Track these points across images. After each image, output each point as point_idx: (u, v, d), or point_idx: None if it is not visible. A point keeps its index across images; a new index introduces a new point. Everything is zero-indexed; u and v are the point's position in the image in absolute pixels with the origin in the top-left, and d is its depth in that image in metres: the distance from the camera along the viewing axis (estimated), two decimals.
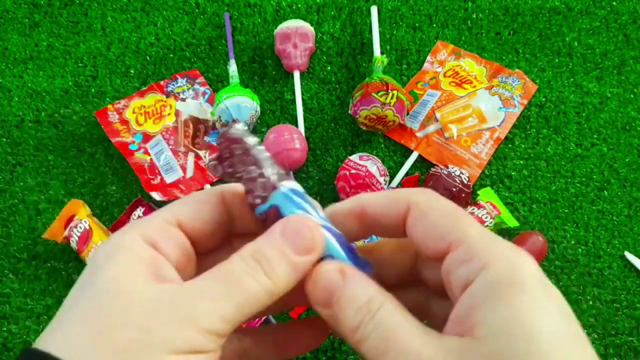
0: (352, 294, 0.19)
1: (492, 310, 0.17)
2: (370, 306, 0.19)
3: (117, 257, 0.19)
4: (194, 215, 0.22)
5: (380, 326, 0.18)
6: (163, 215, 0.21)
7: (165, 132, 0.60)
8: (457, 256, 0.18)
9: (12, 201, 0.57)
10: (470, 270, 0.18)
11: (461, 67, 0.63)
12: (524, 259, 0.18)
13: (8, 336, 0.51)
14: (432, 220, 0.20)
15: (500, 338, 0.16)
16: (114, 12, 0.69)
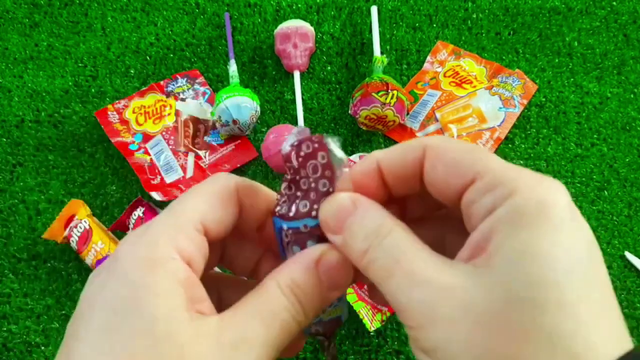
0: (362, 220, 0.19)
1: (513, 236, 0.16)
2: (379, 231, 0.19)
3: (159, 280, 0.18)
4: (218, 219, 0.21)
5: (388, 250, 0.18)
6: (191, 218, 0.20)
7: (165, 132, 0.60)
8: (482, 184, 0.17)
9: (12, 201, 0.57)
10: (496, 197, 0.17)
11: (461, 67, 0.63)
12: (554, 188, 0.17)
13: (8, 336, 0.51)
14: (452, 156, 0.18)
15: (516, 266, 0.15)
16: (114, 12, 0.69)
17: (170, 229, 0.19)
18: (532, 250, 0.15)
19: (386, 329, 0.51)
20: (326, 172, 0.21)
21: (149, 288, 0.17)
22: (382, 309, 0.49)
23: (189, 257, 0.19)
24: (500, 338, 0.15)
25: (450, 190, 0.19)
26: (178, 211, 0.20)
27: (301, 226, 0.20)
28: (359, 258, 0.19)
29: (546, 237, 0.15)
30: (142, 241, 0.19)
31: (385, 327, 0.51)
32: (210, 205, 0.21)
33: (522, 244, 0.15)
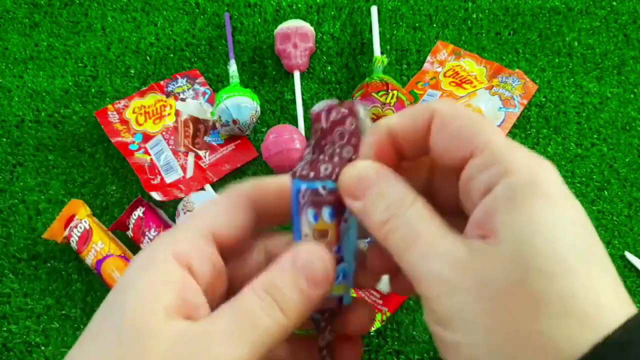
0: (385, 190, 0.19)
1: (514, 213, 0.16)
2: (402, 203, 0.19)
3: (144, 279, 0.18)
4: (228, 223, 0.21)
5: (410, 221, 0.19)
6: (197, 227, 0.21)
7: (165, 132, 0.60)
8: (480, 162, 0.18)
9: (12, 201, 0.57)
10: (492, 175, 0.17)
11: (461, 67, 0.63)
12: (546, 167, 0.18)
13: (8, 336, 0.51)
14: (456, 126, 0.19)
15: (522, 240, 0.16)
16: (114, 12, 0.69)
17: (175, 235, 0.20)
18: (535, 226, 0.16)
19: (386, 329, 0.51)
20: (352, 140, 0.21)
21: (129, 288, 0.18)
22: (382, 309, 0.49)
23: (188, 261, 0.19)
24: (514, 308, 0.16)
25: (451, 161, 0.19)
26: (187, 220, 0.21)
27: (320, 187, 0.20)
28: (379, 226, 0.19)
29: (546, 212, 0.16)
30: (145, 249, 0.20)
31: (385, 327, 0.51)
32: (217, 211, 0.21)
33: (525, 221, 0.16)
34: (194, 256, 0.20)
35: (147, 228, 0.52)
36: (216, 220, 0.21)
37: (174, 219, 0.54)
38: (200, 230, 0.20)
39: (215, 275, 0.21)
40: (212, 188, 0.57)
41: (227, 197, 0.22)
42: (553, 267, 0.15)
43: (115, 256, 0.51)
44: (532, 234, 0.16)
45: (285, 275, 0.19)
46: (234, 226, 0.21)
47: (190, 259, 0.19)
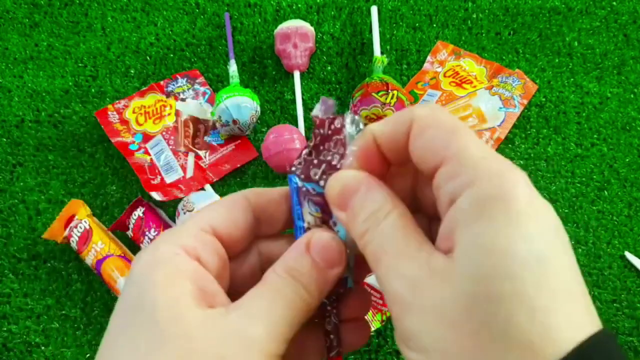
0: (364, 201, 0.19)
1: (472, 228, 0.16)
2: (377, 215, 0.19)
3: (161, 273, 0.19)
4: (227, 220, 0.22)
5: (380, 236, 0.19)
6: (197, 222, 0.21)
7: (165, 132, 0.60)
8: (446, 171, 0.17)
9: (12, 201, 0.57)
10: (456, 186, 0.17)
11: (461, 67, 0.63)
12: (512, 175, 0.16)
13: (8, 336, 0.51)
14: (431, 134, 0.18)
15: (475, 258, 0.15)
16: (114, 12, 0.69)
17: (176, 232, 0.21)
18: (489, 243, 0.15)
19: (386, 329, 0.51)
20: (341, 149, 0.21)
21: (149, 282, 0.18)
22: (382, 309, 0.49)
23: (196, 253, 0.20)
24: (461, 333, 0.15)
25: (426, 169, 0.19)
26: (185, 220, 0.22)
27: (310, 189, 0.22)
28: (358, 238, 0.20)
29: (503, 229, 0.15)
30: (148, 248, 0.20)
31: (385, 327, 0.51)
32: (214, 210, 0.22)
33: (479, 238, 0.16)
34: (201, 248, 0.20)
35: (147, 228, 0.52)
36: (216, 217, 0.22)
37: (174, 219, 0.54)
38: (201, 225, 0.21)
39: (222, 266, 0.21)
40: (212, 188, 0.57)
41: (227, 199, 0.23)
42: (501, 290, 0.15)
43: (115, 256, 0.51)
44: (485, 254, 0.15)
45: (304, 258, 0.20)
46: (233, 225, 0.22)
47: (197, 250, 0.20)
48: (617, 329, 0.52)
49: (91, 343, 0.51)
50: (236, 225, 0.22)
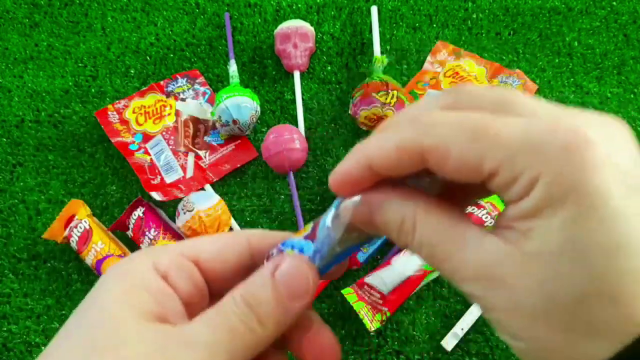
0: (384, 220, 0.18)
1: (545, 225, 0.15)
2: (405, 228, 0.18)
3: (121, 284, 0.19)
4: (215, 255, 0.21)
5: (423, 246, 0.18)
6: (182, 247, 0.21)
7: (165, 132, 0.60)
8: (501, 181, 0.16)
9: (12, 201, 0.57)
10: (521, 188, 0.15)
11: (461, 67, 0.63)
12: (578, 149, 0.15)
13: (8, 336, 0.51)
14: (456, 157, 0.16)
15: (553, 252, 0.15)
16: (114, 12, 0.69)
17: (158, 250, 0.20)
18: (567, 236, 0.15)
19: (386, 329, 0.51)
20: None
21: (106, 290, 0.19)
22: (382, 309, 0.49)
23: (166, 272, 0.20)
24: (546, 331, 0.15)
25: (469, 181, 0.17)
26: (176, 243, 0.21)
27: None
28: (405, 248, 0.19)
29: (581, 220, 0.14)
30: (124, 258, 0.20)
31: (385, 327, 0.51)
32: (208, 242, 0.21)
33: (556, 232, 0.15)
34: (174, 269, 0.20)
35: (147, 228, 0.52)
36: (205, 248, 0.21)
37: (174, 219, 0.54)
38: (184, 250, 0.21)
39: (195, 294, 0.21)
40: (212, 188, 0.57)
41: (228, 235, 0.22)
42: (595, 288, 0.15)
43: (115, 256, 0.51)
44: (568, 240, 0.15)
45: (264, 286, 0.19)
46: (220, 260, 0.21)
47: (168, 269, 0.20)
48: None
49: None
50: (223, 262, 0.21)
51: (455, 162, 0.16)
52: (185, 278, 0.20)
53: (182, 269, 0.20)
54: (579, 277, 0.15)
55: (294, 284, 0.19)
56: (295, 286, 0.19)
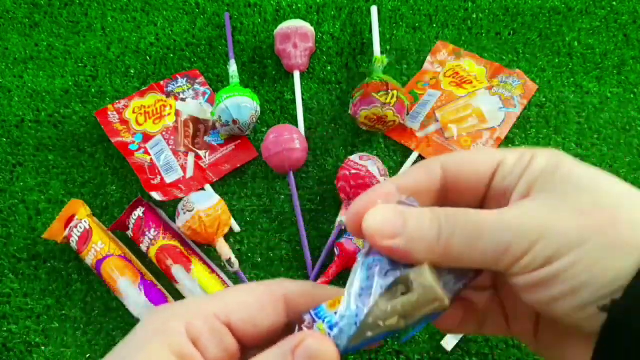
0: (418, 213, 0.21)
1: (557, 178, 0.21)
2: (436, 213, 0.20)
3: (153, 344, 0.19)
4: (247, 319, 0.21)
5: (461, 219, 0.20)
6: (216, 306, 0.21)
7: (165, 132, 0.60)
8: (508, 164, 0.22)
9: (12, 201, 0.57)
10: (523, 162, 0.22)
11: (461, 67, 0.63)
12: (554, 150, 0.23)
13: (8, 336, 0.51)
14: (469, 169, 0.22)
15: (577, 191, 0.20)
16: (114, 12, 0.69)
17: (193, 307, 0.20)
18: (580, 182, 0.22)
19: None
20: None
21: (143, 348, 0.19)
22: None
23: (197, 336, 0.20)
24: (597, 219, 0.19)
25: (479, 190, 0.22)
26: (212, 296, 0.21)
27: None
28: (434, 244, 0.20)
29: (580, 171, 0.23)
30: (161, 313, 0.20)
31: None
32: (243, 300, 0.21)
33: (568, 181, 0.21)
34: (204, 332, 0.20)
35: (147, 228, 0.52)
36: (236, 307, 0.21)
37: (174, 219, 0.54)
38: (216, 311, 0.20)
39: (222, 356, 0.20)
40: (212, 188, 0.58)
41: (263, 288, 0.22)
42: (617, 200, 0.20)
43: (115, 256, 0.51)
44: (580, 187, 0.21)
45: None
46: (251, 323, 0.21)
47: (200, 334, 0.20)
48: None
49: (91, 343, 0.51)
50: (255, 326, 0.21)
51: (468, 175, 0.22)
52: (216, 344, 0.20)
53: (213, 333, 0.20)
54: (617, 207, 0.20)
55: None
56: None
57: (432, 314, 0.19)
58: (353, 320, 0.19)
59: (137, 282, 0.50)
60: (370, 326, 0.19)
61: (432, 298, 0.19)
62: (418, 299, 0.19)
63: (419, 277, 0.19)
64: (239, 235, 0.56)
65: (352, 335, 0.19)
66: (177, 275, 0.50)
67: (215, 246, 0.53)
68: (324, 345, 0.19)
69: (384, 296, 0.19)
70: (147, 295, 0.50)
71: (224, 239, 0.54)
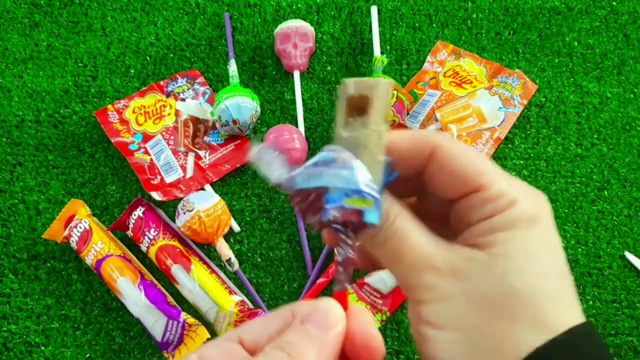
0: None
1: (511, 236, 0.19)
2: (389, 213, 0.21)
3: None
4: (257, 330, 0.21)
5: (395, 235, 0.20)
6: (228, 334, 0.22)
7: (165, 132, 0.60)
8: (485, 196, 0.20)
9: (12, 201, 0.57)
10: (497, 207, 0.20)
11: (461, 67, 0.63)
12: (543, 201, 0.21)
13: (8, 336, 0.51)
14: (462, 163, 0.21)
15: (512, 258, 0.19)
16: (114, 12, 0.69)
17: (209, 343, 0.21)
18: (528, 248, 0.19)
19: (386, 328, 0.51)
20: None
21: None
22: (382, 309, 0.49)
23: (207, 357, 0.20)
24: (492, 318, 0.19)
25: (450, 192, 0.21)
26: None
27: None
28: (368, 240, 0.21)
29: (536, 240, 0.19)
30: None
31: (385, 327, 0.51)
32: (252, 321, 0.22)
33: (518, 243, 0.19)
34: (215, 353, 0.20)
35: (147, 228, 0.52)
36: (246, 327, 0.22)
37: (174, 219, 0.54)
38: (228, 336, 0.21)
39: None
40: (212, 188, 0.57)
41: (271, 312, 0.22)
42: (536, 284, 0.19)
43: (115, 256, 0.51)
44: (522, 256, 0.19)
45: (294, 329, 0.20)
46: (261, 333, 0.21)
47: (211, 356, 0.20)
48: (617, 328, 0.52)
49: (91, 343, 0.51)
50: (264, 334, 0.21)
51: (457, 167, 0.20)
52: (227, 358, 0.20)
53: (224, 352, 0.20)
54: (536, 276, 0.19)
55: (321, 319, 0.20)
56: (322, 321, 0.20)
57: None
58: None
59: (137, 282, 0.50)
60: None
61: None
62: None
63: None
64: (239, 235, 0.56)
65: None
66: (177, 275, 0.50)
67: (215, 246, 0.53)
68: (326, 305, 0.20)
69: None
70: (147, 295, 0.50)
71: (224, 239, 0.54)
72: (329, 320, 0.20)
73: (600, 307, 0.52)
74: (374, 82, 0.20)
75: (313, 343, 0.20)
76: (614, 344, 0.51)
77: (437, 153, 0.21)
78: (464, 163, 0.20)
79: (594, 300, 0.53)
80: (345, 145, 0.20)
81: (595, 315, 0.52)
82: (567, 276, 0.20)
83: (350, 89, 0.21)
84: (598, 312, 0.52)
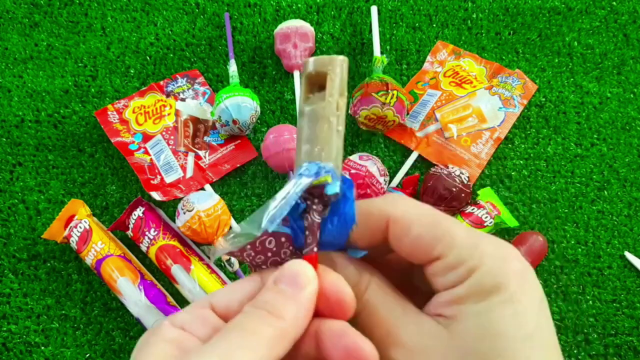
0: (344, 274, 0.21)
1: (472, 310, 0.19)
2: (359, 287, 0.21)
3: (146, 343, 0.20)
4: (227, 296, 0.22)
5: (364, 309, 0.21)
6: (197, 302, 0.22)
7: (165, 132, 0.60)
8: (444, 265, 0.20)
9: (12, 201, 0.57)
10: (458, 276, 0.19)
11: (461, 67, 0.63)
12: (508, 257, 0.20)
13: (8, 336, 0.51)
14: (417, 232, 0.20)
15: (476, 335, 0.18)
16: (114, 12, 0.69)
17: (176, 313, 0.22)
18: (487, 324, 0.19)
19: None
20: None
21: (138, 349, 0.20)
22: None
23: (181, 324, 0.21)
24: None
25: (414, 259, 0.21)
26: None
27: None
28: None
29: (498, 312, 0.19)
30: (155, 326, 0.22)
31: None
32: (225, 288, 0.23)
33: (480, 318, 0.19)
34: (186, 319, 0.21)
35: (147, 228, 0.52)
36: (215, 293, 0.22)
37: (174, 219, 0.54)
38: (197, 303, 0.22)
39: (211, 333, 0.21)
40: (211, 188, 0.57)
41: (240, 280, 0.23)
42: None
43: (115, 256, 0.51)
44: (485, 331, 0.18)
45: (268, 290, 0.20)
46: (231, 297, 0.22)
47: (183, 321, 0.21)
48: (617, 328, 0.52)
49: (91, 343, 0.51)
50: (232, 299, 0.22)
51: (413, 239, 0.20)
52: (200, 323, 0.21)
53: (196, 316, 0.21)
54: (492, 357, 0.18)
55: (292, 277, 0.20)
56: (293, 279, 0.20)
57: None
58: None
59: (137, 282, 0.50)
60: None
61: None
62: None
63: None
64: None
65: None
66: (177, 275, 0.50)
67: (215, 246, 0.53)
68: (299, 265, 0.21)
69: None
70: (147, 295, 0.50)
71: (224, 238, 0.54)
72: (301, 279, 0.20)
73: (600, 307, 0.52)
74: (330, 59, 0.22)
75: (289, 300, 0.20)
76: (614, 344, 0.51)
77: (391, 226, 0.21)
78: (419, 233, 0.20)
79: (594, 300, 0.53)
80: (307, 120, 0.22)
81: (595, 315, 0.52)
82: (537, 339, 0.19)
83: (309, 67, 0.22)
84: (598, 312, 0.52)
